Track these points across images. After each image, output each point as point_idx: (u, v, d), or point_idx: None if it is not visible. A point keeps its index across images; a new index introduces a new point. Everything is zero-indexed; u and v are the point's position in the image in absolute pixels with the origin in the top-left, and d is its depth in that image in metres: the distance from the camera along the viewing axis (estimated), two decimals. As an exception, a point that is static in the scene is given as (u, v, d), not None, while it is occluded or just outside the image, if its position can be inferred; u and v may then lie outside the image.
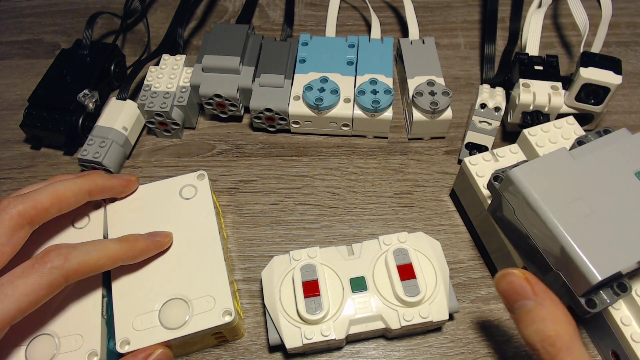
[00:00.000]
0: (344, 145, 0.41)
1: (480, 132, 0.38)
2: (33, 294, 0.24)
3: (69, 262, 0.25)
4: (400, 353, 0.31)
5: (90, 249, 0.26)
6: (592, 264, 0.23)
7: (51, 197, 0.27)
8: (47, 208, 0.27)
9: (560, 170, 0.26)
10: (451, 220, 0.37)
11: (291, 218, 0.37)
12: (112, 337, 0.28)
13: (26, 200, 0.26)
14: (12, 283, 0.24)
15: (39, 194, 0.27)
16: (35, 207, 0.26)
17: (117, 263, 0.27)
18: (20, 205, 0.26)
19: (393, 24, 0.50)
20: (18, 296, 0.23)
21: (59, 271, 0.24)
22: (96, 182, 0.30)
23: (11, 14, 0.52)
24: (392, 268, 0.29)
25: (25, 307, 0.24)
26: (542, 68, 0.39)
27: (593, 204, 0.25)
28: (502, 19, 0.49)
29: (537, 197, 0.25)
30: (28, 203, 0.26)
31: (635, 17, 0.50)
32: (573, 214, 0.25)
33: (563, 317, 0.23)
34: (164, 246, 0.30)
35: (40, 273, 0.24)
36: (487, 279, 0.34)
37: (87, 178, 0.29)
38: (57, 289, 0.25)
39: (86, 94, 0.40)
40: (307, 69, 0.41)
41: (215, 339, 0.30)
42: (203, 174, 0.33)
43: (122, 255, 0.27)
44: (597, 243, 0.24)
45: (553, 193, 0.25)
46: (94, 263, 0.26)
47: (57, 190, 0.27)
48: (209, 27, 0.50)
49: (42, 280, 0.24)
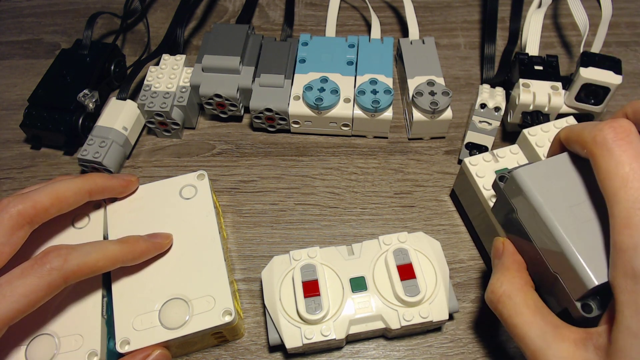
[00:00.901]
0: (344, 145, 0.41)
1: (480, 132, 0.38)
2: (32, 295, 0.24)
3: (68, 264, 0.25)
4: (400, 353, 0.31)
5: (90, 251, 0.26)
6: (590, 268, 0.23)
7: (51, 197, 0.27)
8: (47, 208, 0.27)
9: (565, 173, 0.26)
10: (451, 220, 0.37)
11: (291, 218, 0.37)
12: (112, 337, 0.28)
13: (26, 199, 0.26)
14: (11, 284, 0.24)
15: (39, 193, 0.27)
16: (35, 206, 0.26)
17: (117, 265, 0.27)
18: (20, 204, 0.26)
19: (393, 24, 0.50)
20: (17, 297, 0.23)
21: (58, 272, 0.24)
22: (96, 182, 0.30)
23: (11, 14, 0.52)
24: (392, 268, 0.29)
25: (23, 308, 0.24)
26: (542, 68, 0.39)
27: (595, 210, 0.25)
28: (502, 19, 0.49)
29: (540, 198, 0.25)
30: (28, 203, 0.26)
31: (635, 17, 0.50)
32: (574, 217, 0.24)
33: (512, 271, 0.26)
34: (163, 248, 0.30)
35: (39, 274, 0.24)
36: (487, 279, 0.34)
37: (87, 178, 0.30)
38: (56, 290, 0.25)
39: (86, 94, 0.40)
40: (307, 69, 0.41)
41: (215, 339, 0.30)
42: (203, 174, 0.33)
43: (122, 257, 0.27)
44: (596, 248, 0.23)
45: (556, 195, 0.25)
46: (93, 264, 0.26)
47: (57, 190, 0.27)
48: (209, 27, 0.50)
49: (41, 282, 0.24)
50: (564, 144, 0.26)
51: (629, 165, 0.20)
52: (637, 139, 0.21)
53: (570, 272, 0.24)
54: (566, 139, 0.25)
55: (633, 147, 0.21)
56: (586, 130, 0.23)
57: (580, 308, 0.24)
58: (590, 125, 0.23)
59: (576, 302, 0.24)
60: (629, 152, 0.21)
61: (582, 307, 0.24)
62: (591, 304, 0.24)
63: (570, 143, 0.25)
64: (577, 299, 0.24)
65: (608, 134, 0.21)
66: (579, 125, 0.24)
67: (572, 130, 0.25)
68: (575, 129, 0.24)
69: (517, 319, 0.24)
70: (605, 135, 0.21)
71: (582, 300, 0.24)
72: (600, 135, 0.22)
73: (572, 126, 0.25)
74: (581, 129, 0.23)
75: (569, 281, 0.24)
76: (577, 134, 0.24)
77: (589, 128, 0.23)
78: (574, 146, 0.25)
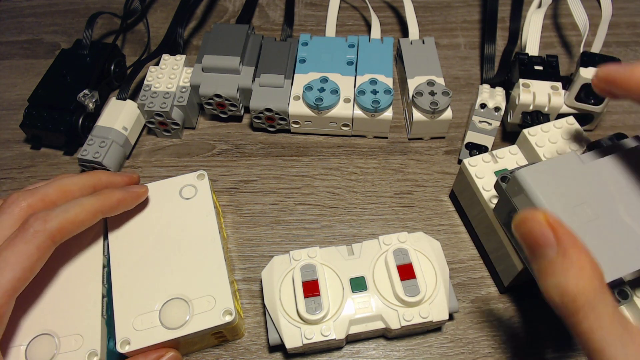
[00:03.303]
0: (344, 145, 0.41)
1: (480, 132, 0.38)
2: (26, 261, 0.25)
3: (49, 223, 0.26)
4: (400, 353, 0.31)
5: (68, 207, 0.27)
6: None
7: (58, 191, 0.28)
8: (54, 201, 0.28)
9: (568, 173, 0.26)
10: (451, 220, 0.37)
11: (291, 218, 0.37)
12: (112, 337, 0.28)
13: (35, 193, 0.28)
14: (1, 255, 0.24)
15: (46, 188, 0.28)
16: (44, 199, 0.27)
17: (98, 216, 0.28)
18: (30, 198, 0.27)
19: (393, 24, 0.50)
20: (12, 266, 0.24)
21: (42, 233, 0.25)
22: (100, 178, 0.31)
23: (11, 14, 0.52)
24: (392, 268, 0.29)
25: (22, 275, 0.24)
26: (542, 68, 0.39)
27: (598, 210, 0.25)
28: (502, 19, 0.49)
29: (542, 198, 0.25)
30: (36, 196, 0.27)
31: (635, 17, 0.50)
32: (577, 218, 0.24)
33: (588, 270, 0.20)
34: (140, 197, 0.31)
35: (25, 240, 0.25)
36: (487, 279, 0.34)
37: (92, 174, 0.31)
38: (47, 251, 0.26)
39: (86, 94, 0.40)
40: (307, 69, 0.41)
41: (215, 339, 0.30)
42: (203, 173, 0.33)
43: (100, 207, 0.28)
44: (599, 248, 0.23)
45: (558, 196, 0.25)
46: (74, 219, 0.27)
47: (63, 184, 0.29)
48: (209, 27, 0.50)
49: (30, 246, 0.25)
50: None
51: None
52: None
53: None
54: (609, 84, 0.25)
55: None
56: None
57: None
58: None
59: None
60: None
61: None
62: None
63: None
64: None
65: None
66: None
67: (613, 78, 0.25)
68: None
69: (599, 333, 0.20)
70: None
71: None
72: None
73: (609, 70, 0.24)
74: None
75: None
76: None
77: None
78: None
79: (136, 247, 0.30)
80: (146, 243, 0.30)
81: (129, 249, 0.30)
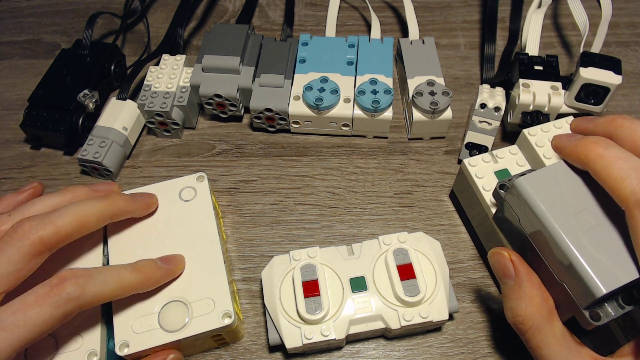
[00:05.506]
0: (344, 145, 0.41)
1: (480, 132, 0.38)
2: (45, 325, 0.23)
3: (85, 294, 0.24)
4: (400, 353, 0.31)
5: (107, 280, 0.25)
6: (597, 276, 0.22)
7: (74, 224, 0.26)
8: (69, 234, 0.26)
9: (567, 180, 0.26)
10: (451, 220, 0.37)
11: (291, 218, 0.37)
12: (112, 338, 0.28)
13: (48, 225, 0.25)
14: (25, 313, 0.23)
15: (62, 218, 0.26)
16: (58, 233, 0.25)
17: (130, 293, 0.27)
18: (42, 230, 0.25)
19: (393, 24, 0.50)
20: (30, 327, 0.23)
21: (74, 303, 0.24)
22: (119, 206, 0.29)
23: (11, 14, 0.52)
24: (392, 268, 0.29)
25: (36, 337, 0.23)
26: (542, 68, 0.38)
27: (600, 216, 0.24)
28: (502, 19, 0.49)
29: (543, 207, 0.25)
30: (50, 229, 0.25)
31: (635, 17, 0.50)
32: (579, 225, 0.24)
33: (537, 300, 0.25)
34: (176, 274, 0.29)
35: (55, 304, 0.23)
36: (487, 279, 0.34)
37: (110, 202, 0.28)
38: (69, 317, 0.24)
39: (86, 94, 0.40)
40: (307, 69, 0.41)
41: (214, 342, 0.30)
42: (202, 175, 0.33)
43: (137, 286, 0.27)
44: (603, 255, 0.23)
45: (559, 203, 0.25)
46: (109, 294, 0.26)
47: (80, 215, 0.26)
48: (209, 27, 0.50)
49: (56, 313, 0.23)
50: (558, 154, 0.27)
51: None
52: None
53: (578, 281, 0.23)
54: (558, 152, 0.27)
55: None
56: (579, 147, 0.25)
57: (588, 316, 0.24)
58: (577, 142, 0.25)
59: (584, 310, 0.24)
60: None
61: (590, 315, 0.24)
62: (599, 311, 0.24)
63: (565, 157, 0.26)
64: (585, 307, 0.24)
65: (598, 147, 0.23)
66: (565, 141, 0.26)
67: (560, 148, 0.26)
68: (565, 146, 0.26)
69: (545, 350, 0.24)
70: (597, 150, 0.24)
71: (589, 308, 0.24)
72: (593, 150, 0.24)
73: (559, 141, 0.27)
74: (571, 147, 0.25)
75: (576, 290, 0.24)
76: (568, 152, 0.26)
77: (580, 145, 0.25)
78: (569, 159, 0.26)
79: (136, 249, 0.30)
80: (145, 245, 0.30)
81: (129, 251, 0.30)
